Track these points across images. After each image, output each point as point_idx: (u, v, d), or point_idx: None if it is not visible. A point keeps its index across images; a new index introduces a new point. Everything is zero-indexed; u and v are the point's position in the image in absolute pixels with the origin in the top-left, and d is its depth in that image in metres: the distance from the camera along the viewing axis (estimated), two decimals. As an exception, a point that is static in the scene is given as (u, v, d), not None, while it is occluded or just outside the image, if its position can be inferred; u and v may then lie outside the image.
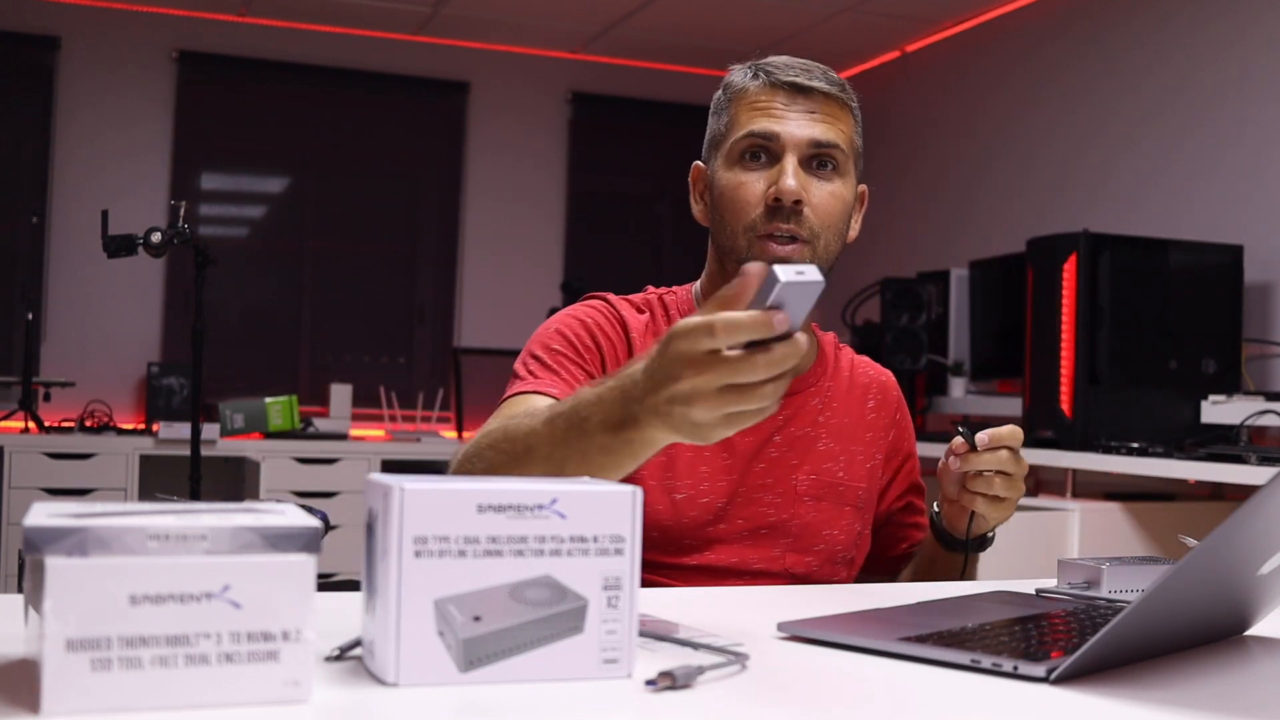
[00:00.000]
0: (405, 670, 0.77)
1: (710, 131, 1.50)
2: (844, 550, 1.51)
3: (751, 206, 1.41)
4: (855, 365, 1.61)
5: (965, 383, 4.36)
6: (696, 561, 1.43)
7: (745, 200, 1.42)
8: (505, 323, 5.61)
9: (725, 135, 1.46)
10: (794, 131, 1.41)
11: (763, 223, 1.40)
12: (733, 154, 1.44)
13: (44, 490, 4.33)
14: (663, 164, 6.04)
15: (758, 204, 1.41)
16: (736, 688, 0.83)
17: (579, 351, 1.43)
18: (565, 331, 1.45)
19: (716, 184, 1.46)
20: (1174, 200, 4.01)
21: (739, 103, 1.45)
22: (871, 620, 1.04)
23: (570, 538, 0.81)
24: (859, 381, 1.58)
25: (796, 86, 1.42)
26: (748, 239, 1.41)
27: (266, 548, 0.73)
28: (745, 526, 1.45)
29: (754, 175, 1.42)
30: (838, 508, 1.50)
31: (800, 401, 1.51)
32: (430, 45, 5.70)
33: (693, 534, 1.43)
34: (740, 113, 1.44)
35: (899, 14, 5.02)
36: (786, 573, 1.46)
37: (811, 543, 1.48)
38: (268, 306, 5.60)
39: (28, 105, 5.23)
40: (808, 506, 1.48)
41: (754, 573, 1.45)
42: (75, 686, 0.68)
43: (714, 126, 1.49)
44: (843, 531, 1.50)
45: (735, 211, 1.42)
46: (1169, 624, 0.95)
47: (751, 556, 1.45)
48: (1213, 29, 3.95)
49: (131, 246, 3.27)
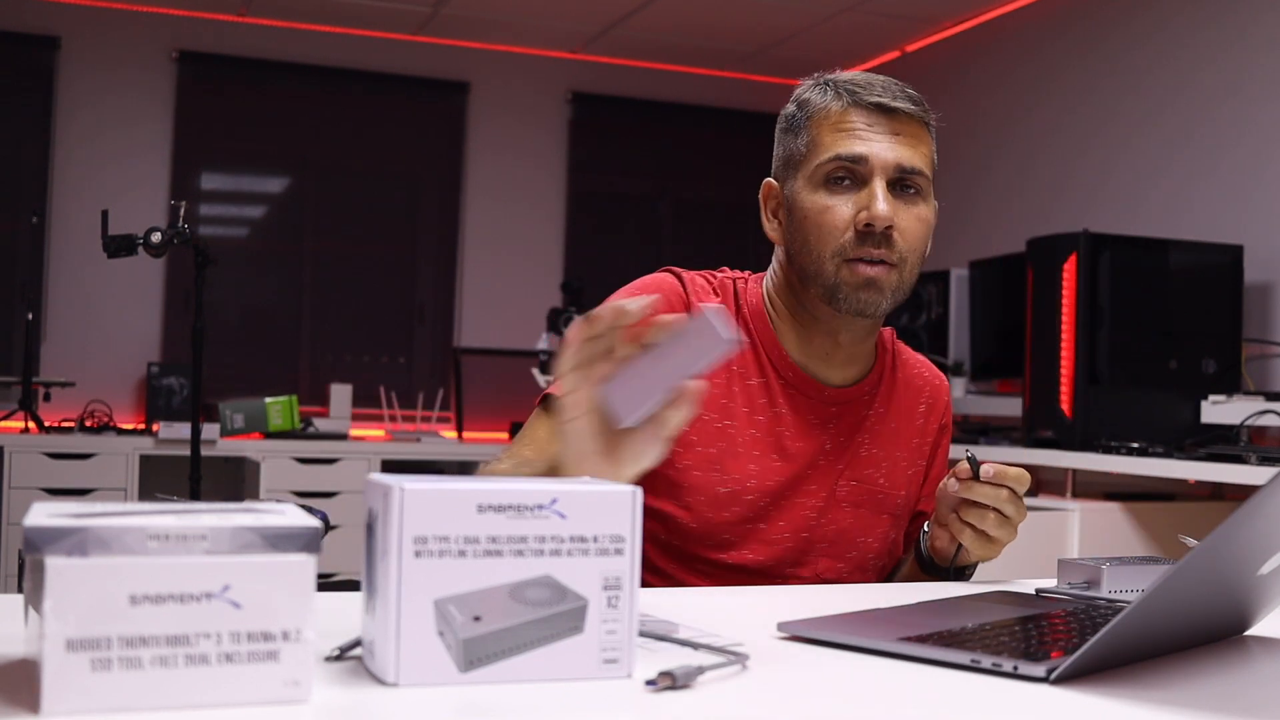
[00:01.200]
0: (405, 670, 0.77)
1: (786, 150, 1.47)
2: (876, 558, 1.50)
3: (840, 231, 1.40)
4: (909, 366, 1.58)
5: (965, 383, 4.36)
6: (732, 560, 1.43)
7: (833, 225, 1.40)
8: (505, 323, 5.60)
9: (807, 156, 1.43)
10: (882, 154, 1.39)
11: (853, 247, 1.39)
12: (817, 177, 1.41)
13: (44, 490, 4.33)
14: (663, 164, 6.05)
15: (846, 229, 1.39)
16: (736, 688, 0.83)
17: None
18: None
19: (799, 206, 1.43)
20: (1174, 200, 4.01)
21: (821, 123, 1.42)
22: (871, 620, 1.04)
23: (570, 538, 0.81)
24: (913, 384, 1.57)
25: (881, 107, 1.40)
26: (835, 263, 1.40)
27: (266, 548, 0.73)
28: (786, 529, 1.45)
29: (841, 199, 1.40)
30: (875, 515, 1.49)
31: (853, 408, 1.50)
32: (430, 45, 5.70)
33: (730, 530, 1.42)
34: (823, 134, 1.41)
35: (899, 14, 5.02)
36: (818, 578, 1.46)
37: (845, 549, 1.47)
38: (268, 306, 5.60)
39: (28, 105, 5.23)
40: (845, 513, 1.47)
41: (785, 575, 1.45)
42: (75, 686, 0.68)
43: (791, 146, 1.46)
44: (877, 540, 1.50)
45: (822, 236, 1.41)
46: (1169, 624, 0.95)
47: (786, 559, 1.45)
48: (1213, 29, 3.95)
49: (131, 246, 3.27)
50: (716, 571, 1.43)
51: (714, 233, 6.06)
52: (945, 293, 4.36)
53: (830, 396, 1.48)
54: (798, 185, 1.44)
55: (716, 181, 5.99)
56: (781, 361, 1.47)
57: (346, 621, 0.92)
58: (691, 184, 6.07)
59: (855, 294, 1.40)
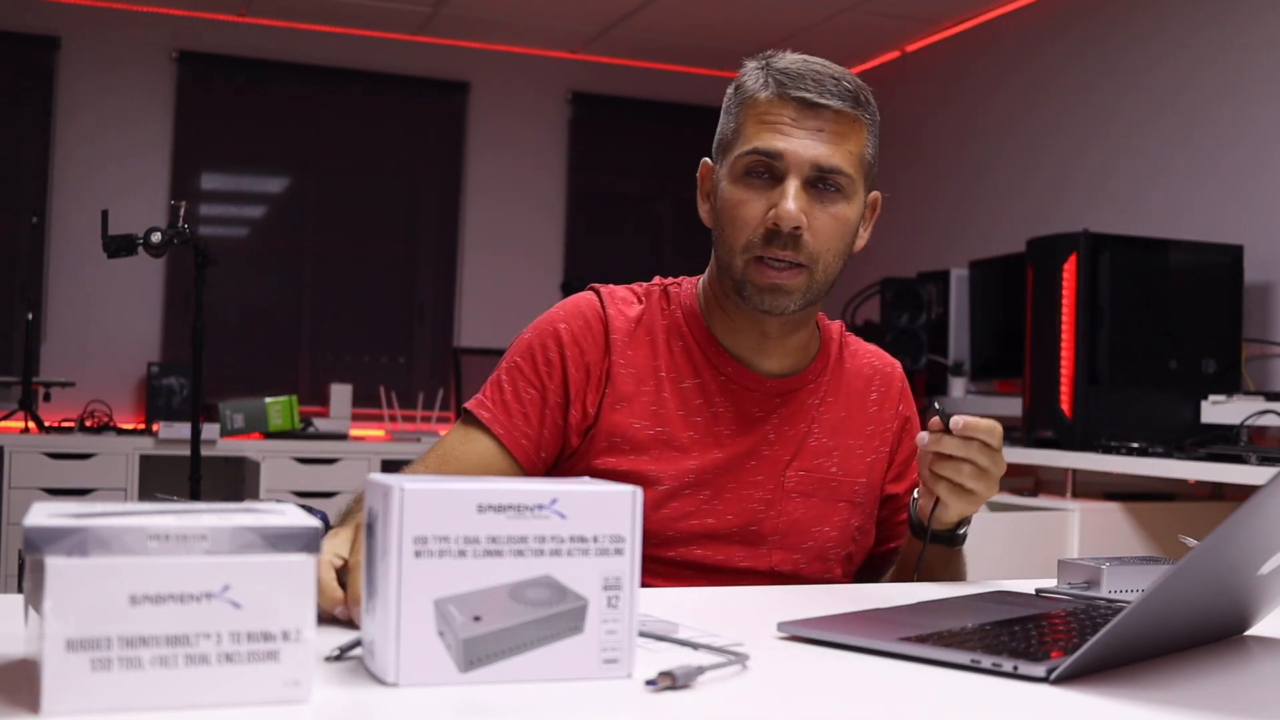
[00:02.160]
0: (405, 670, 0.77)
1: (720, 131, 1.47)
2: (836, 547, 1.49)
3: (750, 227, 1.39)
4: (858, 355, 1.57)
5: (965, 383, 4.36)
6: (681, 556, 1.43)
7: (745, 220, 1.39)
8: (505, 323, 5.60)
9: (732, 143, 1.43)
10: (799, 152, 1.37)
11: (760, 245, 1.38)
12: (737, 168, 1.41)
13: (44, 490, 4.33)
14: (663, 164, 6.04)
15: (757, 225, 1.38)
16: (736, 688, 0.83)
17: (540, 378, 1.45)
18: (536, 350, 1.47)
19: (719, 195, 1.44)
20: (1174, 200, 4.01)
21: (748, 111, 1.41)
22: (871, 620, 1.04)
23: (570, 538, 0.81)
24: (861, 373, 1.56)
25: (805, 102, 1.38)
26: (744, 259, 1.40)
27: (266, 548, 0.73)
28: (734, 522, 1.44)
29: (755, 194, 1.39)
30: (830, 504, 1.48)
31: (796, 397, 1.49)
32: (430, 45, 5.70)
33: (675, 526, 1.42)
34: (748, 123, 1.41)
35: (899, 14, 5.02)
36: (772, 571, 1.45)
37: (799, 540, 1.47)
38: (268, 306, 5.60)
39: (28, 105, 5.23)
40: (796, 503, 1.47)
41: (740, 570, 1.44)
42: (75, 686, 0.68)
43: (723, 127, 1.46)
44: (835, 528, 1.48)
45: (734, 231, 1.41)
46: (1169, 624, 0.95)
47: (737, 554, 1.44)
48: (1213, 29, 3.95)
49: (131, 246, 3.27)
50: (670, 570, 1.42)
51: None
52: (945, 293, 4.36)
53: (771, 387, 1.48)
54: (722, 172, 1.45)
55: (716, 181, 5.98)
56: (719, 357, 1.47)
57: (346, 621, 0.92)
58: (691, 184, 6.03)
59: (760, 295, 1.40)
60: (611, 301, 1.50)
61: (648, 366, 1.46)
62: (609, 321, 1.48)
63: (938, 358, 4.35)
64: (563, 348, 1.46)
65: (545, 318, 1.51)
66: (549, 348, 1.47)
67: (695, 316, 1.49)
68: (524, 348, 1.49)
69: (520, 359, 1.48)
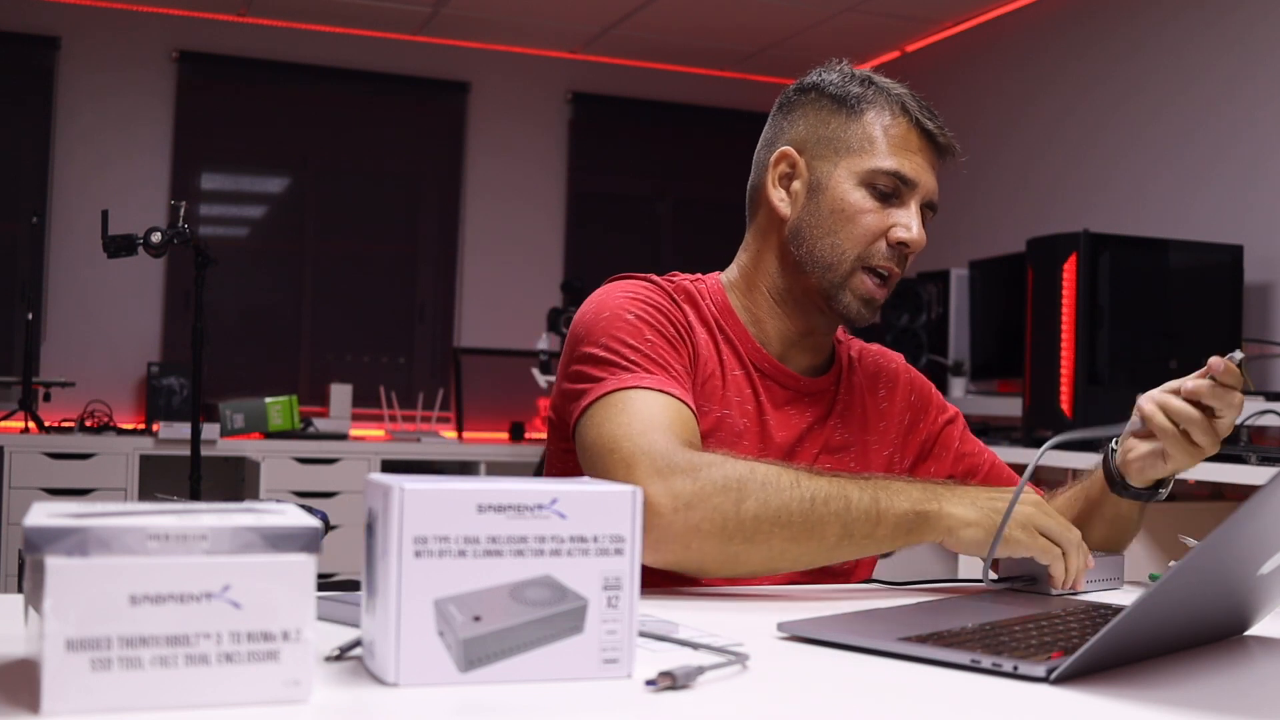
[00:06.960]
0: (405, 670, 0.77)
1: (830, 129, 1.45)
2: None
3: (872, 237, 1.43)
4: (867, 355, 1.61)
5: (965, 383, 4.36)
6: None
7: (868, 229, 1.42)
8: (505, 323, 5.60)
9: (858, 152, 1.43)
10: (927, 183, 1.45)
11: (879, 258, 1.43)
12: (866, 177, 1.43)
13: (44, 490, 4.33)
14: (663, 164, 6.04)
15: (877, 238, 1.43)
16: (736, 688, 0.83)
17: (670, 342, 1.39)
18: (649, 319, 1.38)
19: (835, 195, 1.43)
20: (1174, 200, 4.01)
21: (879, 126, 1.44)
22: (871, 620, 1.04)
23: (570, 538, 0.81)
24: (869, 371, 1.59)
25: (932, 138, 1.45)
26: (854, 265, 1.43)
27: (266, 548, 0.73)
28: None
29: (879, 205, 1.43)
30: None
31: (824, 394, 1.52)
32: (430, 45, 5.70)
33: None
34: (884, 140, 1.43)
35: (899, 14, 5.02)
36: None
37: None
38: (268, 306, 5.60)
39: (28, 105, 5.23)
40: None
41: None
42: (75, 686, 0.68)
43: (837, 127, 1.45)
44: None
45: (854, 235, 1.42)
46: (1169, 624, 0.95)
47: None
48: (1213, 30, 3.95)
49: (131, 246, 3.28)
50: None
51: (714, 233, 6.05)
52: (945, 293, 4.36)
53: (805, 386, 1.50)
54: (838, 173, 1.44)
55: (716, 181, 5.97)
56: (756, 354, 1.48)
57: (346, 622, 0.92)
58: (691, 184, 6.07)
59: (854, 302, 1.44)
60: (664, 293, 1.46)
61: (709, 353, 1.46)
62: (680, 306, 1.46)
63: (938, 358, 4.35)
64: (673, 320, 1.41)
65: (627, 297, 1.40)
66: (660, 322, 1.39)
67: (729, 311, 1.49)
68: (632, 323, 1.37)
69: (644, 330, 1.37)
